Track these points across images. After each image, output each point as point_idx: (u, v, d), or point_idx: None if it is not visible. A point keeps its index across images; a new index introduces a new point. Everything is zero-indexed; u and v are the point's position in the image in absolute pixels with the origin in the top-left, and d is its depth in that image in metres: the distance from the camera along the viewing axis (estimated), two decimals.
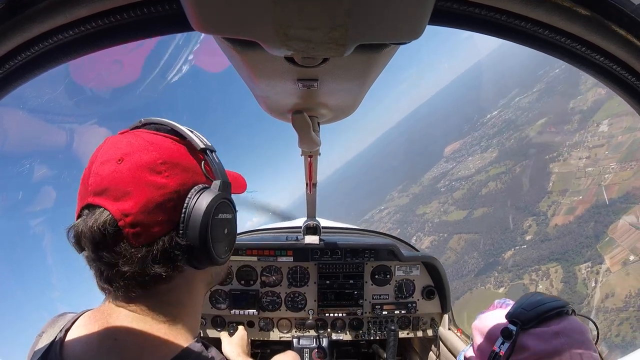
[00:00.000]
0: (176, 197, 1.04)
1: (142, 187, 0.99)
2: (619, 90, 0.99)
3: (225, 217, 1.14)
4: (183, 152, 1.10)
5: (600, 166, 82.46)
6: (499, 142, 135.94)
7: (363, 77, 1.04)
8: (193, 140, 1.13)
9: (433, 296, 3.72)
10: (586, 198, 77.28)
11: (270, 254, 3.60)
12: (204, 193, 1.07)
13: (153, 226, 1.00)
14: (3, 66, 0.88)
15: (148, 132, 1.10)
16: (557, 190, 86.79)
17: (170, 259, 1.03)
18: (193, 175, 1.10)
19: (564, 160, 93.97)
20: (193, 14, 0.66)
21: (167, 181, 1.02)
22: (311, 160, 2.45)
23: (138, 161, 1.01)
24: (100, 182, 1.00)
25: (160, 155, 1.04)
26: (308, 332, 3.73)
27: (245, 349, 2.28)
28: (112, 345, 1.01)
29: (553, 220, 78.34)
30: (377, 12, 0.62)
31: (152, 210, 0.99)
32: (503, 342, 1.43)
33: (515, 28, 0.89)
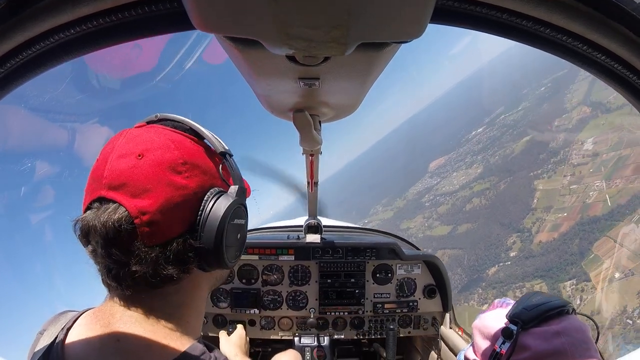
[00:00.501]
0: (194, 199, 1.04)
1: (162, 186, 0.99)
2: (620, 89, 0.99)
3: (240, 222, 1.15)
4: (202, 154, 1.10)
5: (584, 184, 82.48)
6: (484, 158, 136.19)
7: (364, 75, 1.05)
8: (212, 143, 1.14)
9: (434, 295, 3.74)
10: (571, 215, 77.19)
11: (272, 252, 3.61)
12: (221, 197, 1.07)
13: (169, 227, 1.00)
14: (4, 65, 0.88)
15: (168, 129, 1.09)
16: (541, 207, 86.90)
17: (182, 261, 1.03)
18: (210, 178, 1.10)
19: (548, 178, 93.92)
20: (195, 13, 0.66)
21: (187, 182, 1.02)
22: (312, 159, 2.45)
23: (160, 158, 1.00)
24: (117, 176, 0.98)
25: (181, 155, 1.03)
26: (309, 330, 3.72)
27: (244, 348, 2.27)
28: (114, 347, 1.01)
29: (537, 237, 78.32)
30: (378, 10, 0.63)
31: (170, 210, 0.99)
32: (504, 342, 1.43)
33: (516, 26, 0.89)
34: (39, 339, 1.13)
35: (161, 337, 1.03)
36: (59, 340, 1.07)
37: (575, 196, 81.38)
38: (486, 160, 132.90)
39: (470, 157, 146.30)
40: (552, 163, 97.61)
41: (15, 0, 0.76)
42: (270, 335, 3.75)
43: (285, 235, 3.83)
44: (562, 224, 76.35)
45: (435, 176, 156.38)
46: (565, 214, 78.94)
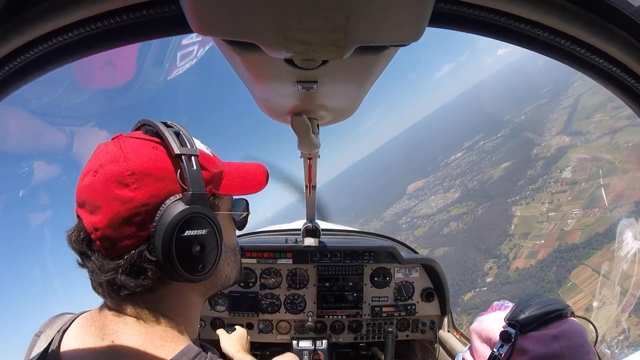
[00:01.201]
0: (144, 211, 1.01)
1: (109, 202, 0.99)
2: (618, 93, 0.99)
3: (197, 233, 1.05)
4: (160, 159, 1.06)
5: (562, 211, 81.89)
6: (462, 183, 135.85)
7: (362, 79, 1.06)
8: (169, 145, 1.06)
9: (432, 298, 3.74)
10: (548, 242, 76.53)
11: (270, 256, 3.63)
12: (171, 207, 1.02)
13: (121, 240, 1.01)
14: (2, 68, 0.88)
15: (132, 138, 1.09)
16: (518, 234, 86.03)
17: (140, 272, 1.02)
18: (169, 184, 1.05)
19: (526, 204, 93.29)
20: (193, 16, 0.66)
21: (134, 194, 1.00)
22: (310, 163, 2.46)
23: (108, 173, 1.00)
24: (80, 194, 1.04)
25: (129, 166, 1.01)
26: (307, 334, 3.74)
27: (245, 346, 2.26)
28: (109, 349, 1.03)
29: (514, 264, 77.29)
30: (376, 14, 0.63)
31: (118, 225, 1.00)
32: (502, 345, 1.43)
33: (514, 30, 0.89)
34: (35, 341, 1.16)
35: (156, 338, 1.04)
36: (55, 342, 1.09)
37: (553, 223, 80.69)
38: (464, 185, 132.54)
39: (449, 181, 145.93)
40: (530, 190, 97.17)
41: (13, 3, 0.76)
42: (268, 339, 3.75)
43: (283, 238, 3.83)
44: (539, 251, 75.40)
45: (414, 198, 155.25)
46: (543, 241, 78.23)
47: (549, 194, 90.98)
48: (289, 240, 3.74)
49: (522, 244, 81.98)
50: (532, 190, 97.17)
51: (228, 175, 1.24)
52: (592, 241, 67.16)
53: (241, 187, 1.29)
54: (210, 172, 1.15)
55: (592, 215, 73.72)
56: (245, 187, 1.30)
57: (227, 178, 1.24)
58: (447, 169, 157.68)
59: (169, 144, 1.05)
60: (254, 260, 3.61)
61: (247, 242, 3.89)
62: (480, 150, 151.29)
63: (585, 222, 73.30)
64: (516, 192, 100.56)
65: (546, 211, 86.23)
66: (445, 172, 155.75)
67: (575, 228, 73.73)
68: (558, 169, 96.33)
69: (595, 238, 67.25)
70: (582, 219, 74.81)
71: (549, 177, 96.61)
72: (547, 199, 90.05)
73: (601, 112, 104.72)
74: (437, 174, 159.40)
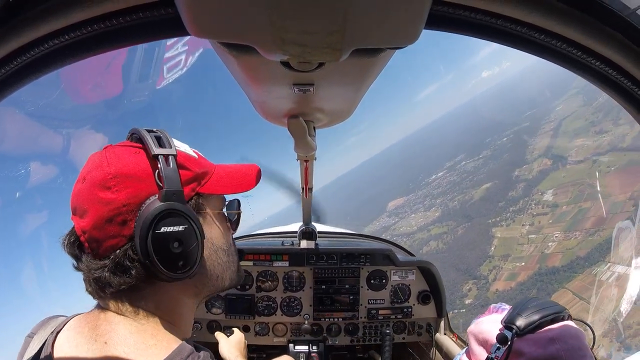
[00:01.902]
0: (125, 211, 1.05)
1: (94, 205, 1.05)
2: (614, 95, 1.00)
3: (173, 229, 1.07)
4: (141, 162, 1.10)
5: (543, 234, 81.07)
6: (443, 202, 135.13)
7: (359, 81, 1.06)
8: (148, 147, 1.10)
9: (429, 301, 3.75)
10: (529, 265, 75.48)
11: (266, 258, 3.64)
12: (149, 205, 1.06)
13: (106, 240, 1.05)
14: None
15: (119, 146, 1.15)
16: (499, 255, 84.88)
17: (124, 271, 1.06)
18: (150, 185, 1.09)
19: (507, 226, 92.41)
20: (189, 19, 0.66)
21: (115, 196, 1.05)
22: (307, 165, 2.44)
23: (93, 179, 1.07)
24: (72, 201, 1.11)
25: (110, 171, 1.06)
26: (304, 337, 3.74)
27: (243, 351, 2.30)
28: (101, 349, 1.04)
29: (494, 285, 76.15)
30: (373, 16, 0.63)
31: (102, 226, 1.05)
32: (498, 348, 1.43)
33: (510, 32, 0.90)
34: (28, 343, 1.17)
35: (148, 337, 1.06)
36: (48, 344, 1.11)
37: (534, 246, 79.85)
38: (445, 205, 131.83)
39: (430, 200, 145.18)
40: (511, 211, 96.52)
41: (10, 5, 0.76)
42: (265, 342, 3.77)
43: (279, 241, 3.83)
44: (519, 273, 74.29)
45: (393, 216, 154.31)
46: (523, 263, 77.11)
47: (529, 216, 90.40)
48: (285, 243, 3.73)
49: (502, 266, 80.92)
50: (513, 211, 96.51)
51: (215, 175, 1.26)
52: (573, 265, 66.28)
53: (228, 186, 1.28)
54: (192, 172, 1.18)
55: (574, 239, 73.06)
56: (233, 186, 1.30)
57: (213, 178, 1.25)
58: (428, 187, 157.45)
59: (148, 146, 1.09)
60: (251, 262, 3.60)
61: (244, 244, 3.90)
62: (462, 170, 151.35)
63: (566, 245, 72.72)
64: (497, 213, 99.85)
65: (527, 233, 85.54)
66: (426, 190, 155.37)
67: (556, 251, 73.03)
68: (539, 192, 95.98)
69: (576, 262, 66.43)
70: (563, 242, 74.25)
71: (530, 199, 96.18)
72: (528, 221, 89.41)
73: (583, 136, 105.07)
74: (418, 193, 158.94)
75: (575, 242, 71.55)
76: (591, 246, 66.80)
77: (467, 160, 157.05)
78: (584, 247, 68.11)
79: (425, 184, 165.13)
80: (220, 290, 1.33)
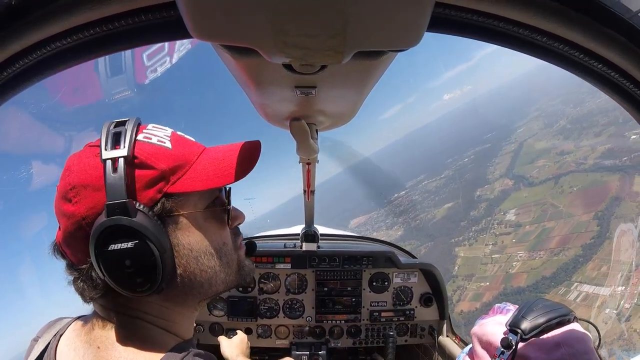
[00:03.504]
0: (85, 225, 0.96)
1: (60, 217, 1.00)
2: (617, 98, 1.01)
3: (120, 247, 0.94)
4: (97, 167, 0.97)
5: (507, 253, 79.78)
6: (405, 221, 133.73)
7: (361, 84, 1.06)
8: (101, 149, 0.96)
9: (431, 303, 3.78)
10: (493, 285, 73.47)
11: (268, 260, 3.65)
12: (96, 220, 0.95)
13: (74, 254, 1.01)
14: (1, 73, 0.89)
15: (89, 146, 1.04)
16: (462, 275, 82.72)
17: (94, 285, 1.00)
18: None
19: (469, 245, 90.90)
20: (191, 21, 0.66)
21: (74, 209, 0.96)
22: (309, 168, 2.45)
23: (58, 189, 1.01)
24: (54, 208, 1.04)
25: (70, 180, 0.97)
26: (306, 339, 3.78)
27: (246, 351, 2.29)
28: (95, 354, 1.02)
29: (458, 306, 73.96)
30: (376, 19, 0.63)
31: (69, 240, 0.99)
32: (503, 352, 1.42)
33: (512, 35, 0.90)
34: (33, 346, 1.16)
35: (141, 342, 1.03)
36: (51, 346, 1.10)
37: (498, 265, 78.14)
38: (407, 223, 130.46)
39: (392, 218, 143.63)
40: (473, 231, 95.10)
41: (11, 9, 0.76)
42: (267, 344, 3.78)
43: (281, 243, 3.84)
44: (484, 294, 72.17)
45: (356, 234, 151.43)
46: (488, 283, 75.00)
47: (492, 236, 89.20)
48: (287, 245, 3.74)
49: (466, 286, 78.93)
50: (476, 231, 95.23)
51: (196, 166, 1.08)
52: (538, 285, 64.82)
53: (211, 178, 1.07)
54: (157, 170, 1.00)
55: (538, 258, 71.84)
56: (218, 177, 1.08)
57: (192, 171, 1.06)
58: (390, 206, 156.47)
59: (100, 149, 0.96)
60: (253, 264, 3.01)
61: None
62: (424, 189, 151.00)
63: (531, 264, 71.36)
64: (459, 233, 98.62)
65: (490, 253, 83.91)
66: (388, 209, 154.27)
67: (521, 271, 71.57)
68: (501, 211, 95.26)
69: (542, 282, 65.15)
70: (527, 262, 72.85)
71: (493, 219, 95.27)
72: (491, 241, 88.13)
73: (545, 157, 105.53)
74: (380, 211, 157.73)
75: (540, 262, 70.43)
76: (556, 266, 65.96)
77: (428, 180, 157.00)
78: (549, 266, 67.08)
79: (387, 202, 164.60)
80: (218, 294, 1.21)
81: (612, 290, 52.58)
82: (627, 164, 77.69)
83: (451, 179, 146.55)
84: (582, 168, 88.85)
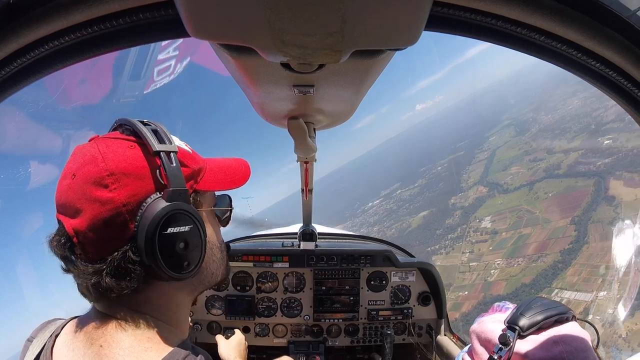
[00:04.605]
0: (125, 212, 0.99)
1: (89, 204, 0.98)
2: (614, 96, 1.01)
3: (179, 230, 1.04)
4: (138, 158, 1.04)
5: (484, 261, 78.63)
6: (380, 230, 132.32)
7: (359, 83, 1.06)
8: (148, 142, 1.04)
9: (429, 302, 3.76)
10: (472, 294, 71.95)
11: (266, 259, 3.63)
12: (152, 205, 1.01)
13: (103, 243, 1.00)
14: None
15: (109, 138, 1.07)
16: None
17: (125, 274, 1.01)
18: (149, 182, 1.04)
19: (446, 254, 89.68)
20: (189, 20, 0.66)
21: (113, 195, 0.98)
22: (307, 166, 2.43)
23: (86, 175, 0.99)
24: (59, 197, 1.03)
25: (107, 167, 0.99)
26: (304, 338, 3.75)
27: (243, 353, 2.27)
28: (97, 353, 1.02)
29: None
30: (373, 18, 0.62)
31: (99, 227, 0.98)
32: (501, 349, 1.42)
33: (510, 34, 0.90)
34: (27, 347, 1.15)
35: (144, 340, 1.03)
36: (47, 347, 1.09)
37: (476, 274, 76.72)
38: (383, 232, 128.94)
39: (367, 227, 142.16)
40: (449, 239, 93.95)
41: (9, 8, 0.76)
42: (265, 343, 3.76)
43: (279, 242, 3.82)
44: (463, 303, 70.57)
45: None
46: (467, 292, 73.42)
47: (469, 244, 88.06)
48: (285, 244, 3.72)
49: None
50: (452, 239, 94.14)
51: (208, 170, 1.22)
52: (518, 292, 63.54)
53: (222, 182, 1.26)
54: (190, 169, 1.13)
55: (517, 265, 70.74)
56: (227, 182, 1.27)
57: (207, 174, 1.22)
58: (365, 215, 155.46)
59: (147, 142, 1.04)
60: (251, 263, 3.60)
61: (244, 245, 3.90)
62: (398, 198, 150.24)
63: (509, 272, 70.14)
64: (435, 241, 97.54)
65: (467, 261, 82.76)
66: (363, 218, 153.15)
67: (500, 279, 70.25)
68: (477, 219, 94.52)
69: (521, 289, 63.89)
70: (506, 269, 71.69)
71: (468, 227, 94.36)
72: (468, 249, 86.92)
73: (518, 164, 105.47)
74: (355, 220, 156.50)
75: (518, 269, 69.47)
76: (535, 272, 65.08)
77: (402, 189, 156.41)
78: (528, 273, 66.17)
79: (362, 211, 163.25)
80: (212, 286, 1.30)
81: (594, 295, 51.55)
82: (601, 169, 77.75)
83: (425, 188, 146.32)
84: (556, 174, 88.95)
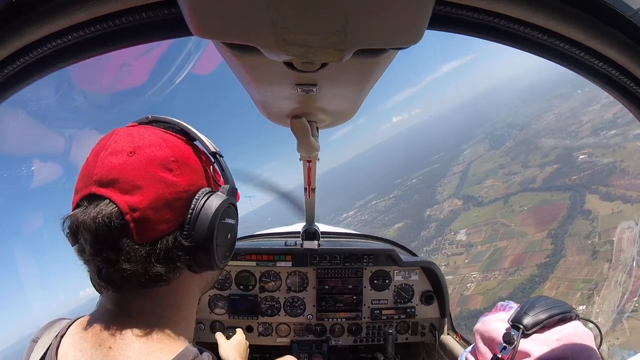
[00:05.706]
0: (185, 197, 1.03)
1: (153, 183, 0.98)
2: (617, 95, 1.01)
3: (230, 222, 1.15)
4: (192, 154, 1.10)
5: (460, 274, 77.78)
6: None
7: (362, 82, 1.06)
8: (203, 143, 1.15)
9: (432, 301, 3.74)
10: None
11: (269, 259, 3.62)
12: (212, 196, 1.07)
13: (159, 224, 0.99)
14: (1, 71, 0.89)
15: (159, 129, 1.08)
16: None
17: (171, 260, 1.01)
18: (201, 177, 1.10)
19: None
20: (192, 19, 0.66)
21: (177, 180, 1.02)
22: (310, 165, 2.43)
23: (151, 155, 0.99)
24: (108, 172, 0.97)
25: (173, 153, 1.03)
26: (307, 337, 3.74)
27: (243, 353, 2.26)
28: (105, 355, 1.00)
29: None
30: (376, 17, 0.62)
31: (160, 207, 0.98)
32: (505, 347, 1.43)
33: (513, 32, 0.90)
34: (32, 347, 1.13)
35: (154, 341, 1.02)
36: (52, 348, 1.07)
37: (452, 287, 75.66)
38: None
39: None
40: (425, 252, 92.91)
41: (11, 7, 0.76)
42: (268, 342, 3.76)
43: (282, 241, 3.80)
44: None
45: None
46: None
47: (444, 256, 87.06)
48: (288, 243, 3.71)
49: None
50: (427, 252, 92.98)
51: None
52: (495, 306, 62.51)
53: None
54: None
55: (493, 279, 69.72)
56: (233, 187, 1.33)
57: None
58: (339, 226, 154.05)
59: (203, 142, 1.14)
60: (254, 263, 3.59)
61: (247, 244, 3.90)
62: (373, 209, 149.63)
63: (486, 285, 68.93)
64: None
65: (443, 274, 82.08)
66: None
67: (476, 292, 68.95)
68: (452, 231, 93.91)
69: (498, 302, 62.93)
70: (482, 283, 70.43)
71: (444, 239, 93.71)
72: (443, 262, 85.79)
73: (493, 177, 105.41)
74: None
75: (495, 283, 68.41)
76: (513, 286, 64.16)
77: (377, 200, 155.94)
78: (505, 287, 65.17)
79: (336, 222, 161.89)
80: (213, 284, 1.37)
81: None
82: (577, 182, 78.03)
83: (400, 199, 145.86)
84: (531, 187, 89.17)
